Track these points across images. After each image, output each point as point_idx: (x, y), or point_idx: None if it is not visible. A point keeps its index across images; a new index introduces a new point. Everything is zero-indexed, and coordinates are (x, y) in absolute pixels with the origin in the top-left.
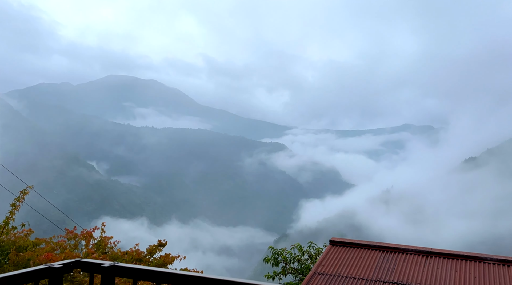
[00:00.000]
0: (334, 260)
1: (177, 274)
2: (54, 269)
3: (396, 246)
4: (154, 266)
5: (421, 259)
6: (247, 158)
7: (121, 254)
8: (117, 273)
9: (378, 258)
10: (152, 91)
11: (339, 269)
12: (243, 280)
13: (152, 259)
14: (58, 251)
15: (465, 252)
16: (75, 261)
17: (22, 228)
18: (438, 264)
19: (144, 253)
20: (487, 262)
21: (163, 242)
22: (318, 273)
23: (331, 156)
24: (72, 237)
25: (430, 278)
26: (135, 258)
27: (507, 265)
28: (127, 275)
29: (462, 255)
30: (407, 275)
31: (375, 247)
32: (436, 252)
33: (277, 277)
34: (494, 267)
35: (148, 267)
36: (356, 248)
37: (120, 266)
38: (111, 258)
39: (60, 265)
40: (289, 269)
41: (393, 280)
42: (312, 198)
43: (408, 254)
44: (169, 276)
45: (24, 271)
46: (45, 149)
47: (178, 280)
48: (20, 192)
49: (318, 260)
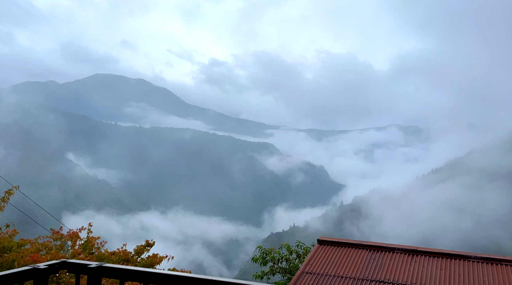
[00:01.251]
0: (322, 259)
1: (165, 274)
2: (39, 270)
3: (383, 245)
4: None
5: (407, 257)
6: (236, 157)
7: (108, 255)
8: (104, 273)
9: (365, 257)
10: (140, 90)
11: (327, 268)
12: (232, 280)
13: (139, 260)
14: (43, 252)
15: (450, 250)
16: (61, 261)
17: (6, 229)
18: (424, 263)
19: (131, 254)
20: (472, 260)
21: (150, 242)
22: (306, 272)
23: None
24: (58, 238)
25: (416, 276)
26: (122, 259)
27: (491, 263)
28: (114, 276)
29: (447, 254)
30: (394, 273)
31: (362, 246)
32: (422, 251)
33: (265, 277)
34: (478, 265)
35: (136, 268)
36: (343, 247)
37: (107, 267)
38: (98, 259)
39: (46, 266)
40: (277, 268)
41: (380, 278)
42: (299, 196)
43: (395, 252)
44: (156, 276)
45: (8, 273)
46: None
47: (165, 281)
48: (5, 192)
49: (306, 259)
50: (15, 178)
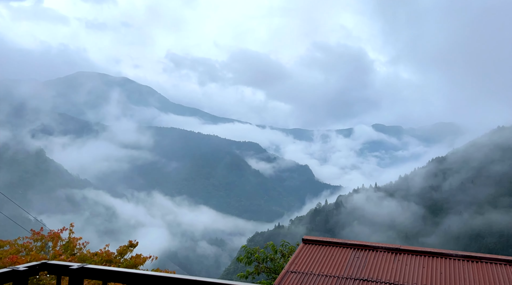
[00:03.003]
0: (307, 258)
1: (148, 275)
2: (19, 272)
3: (367, 244)
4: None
5: (390, 256)
6: (221, 157)
7: (90, 255)
8: (86, 275)
9: (349, 255)
10: (124, 88)
11: (311, 267)
12: (216, 280)
13: (122, 260)
14: (23, 253)
15: (432, 249)
16: (41, 263)
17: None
18: (407, 261)
19: (114, 254)
20: (453, 258)
21: (134, 243)
22: (290, 271)
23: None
24: (39, 239)
25: (399, 274)
26: (105, 259)
27: (472, 261)
28: (96, 277)
29: (429, 252)
30: (377, 272)
31: (347, 245)
32: (404, 249)
33: (250, 276)
34: (459, 263)
35: (119, 269)
36: (328, 246)
37: (89, 268)
38: (80, 260)
39: (25, 268)
40: (262, 268)
41: (364, 277)
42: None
43: (378, 251)
44: (140, 277)
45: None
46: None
47: (149, 281)
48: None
49: (291, 259)
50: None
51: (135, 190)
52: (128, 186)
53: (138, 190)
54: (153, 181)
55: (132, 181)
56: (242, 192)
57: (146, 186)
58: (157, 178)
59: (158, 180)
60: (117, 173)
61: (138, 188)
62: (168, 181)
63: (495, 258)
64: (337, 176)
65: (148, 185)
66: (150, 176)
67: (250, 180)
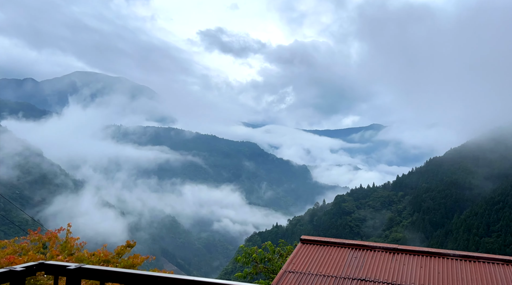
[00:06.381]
0: (304, 258)
1: (146, 275)
2: (16, 272)
3: (365, 244)
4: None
5: (388, 256)
6: (219, 157)
7: (88, 256)
8: (84, 275)
9: (347, 255)
10: (121, 87)
11: (309, 267)
12: (214, 280)
13: (120, 260)
14: (20, 253)
15: (430, 249)
16: (38, 263)
17: None
18: (404, 261)
19: (112, 254)
20: (450, 258)
21: (131, 243)
22: (288, 271)
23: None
24: (36, 239)
25: (396, 274)
26: (102, 260)
27: (469, 260)
28: (94, 277)
29: (427, 252)
30: (375, 271)
31: (344, 245)
32: (402, 249)
33: (248, 276)
34: (456, 262)
35: (116, 269)
36: (325, 246)
37: (86, 268)
38: (77, 260)
39: (22, 268)
40: (260, 268)
41: (362, 276)
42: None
43: (376, 251)
44: (137, 277)
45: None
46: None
47: (147, 282)
48: None
49: (289, 259)
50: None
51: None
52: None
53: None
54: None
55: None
56: (238, 190)
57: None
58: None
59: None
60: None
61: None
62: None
63: (492, 258)
64: (336, 176)
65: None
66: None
67: (246, 178)
